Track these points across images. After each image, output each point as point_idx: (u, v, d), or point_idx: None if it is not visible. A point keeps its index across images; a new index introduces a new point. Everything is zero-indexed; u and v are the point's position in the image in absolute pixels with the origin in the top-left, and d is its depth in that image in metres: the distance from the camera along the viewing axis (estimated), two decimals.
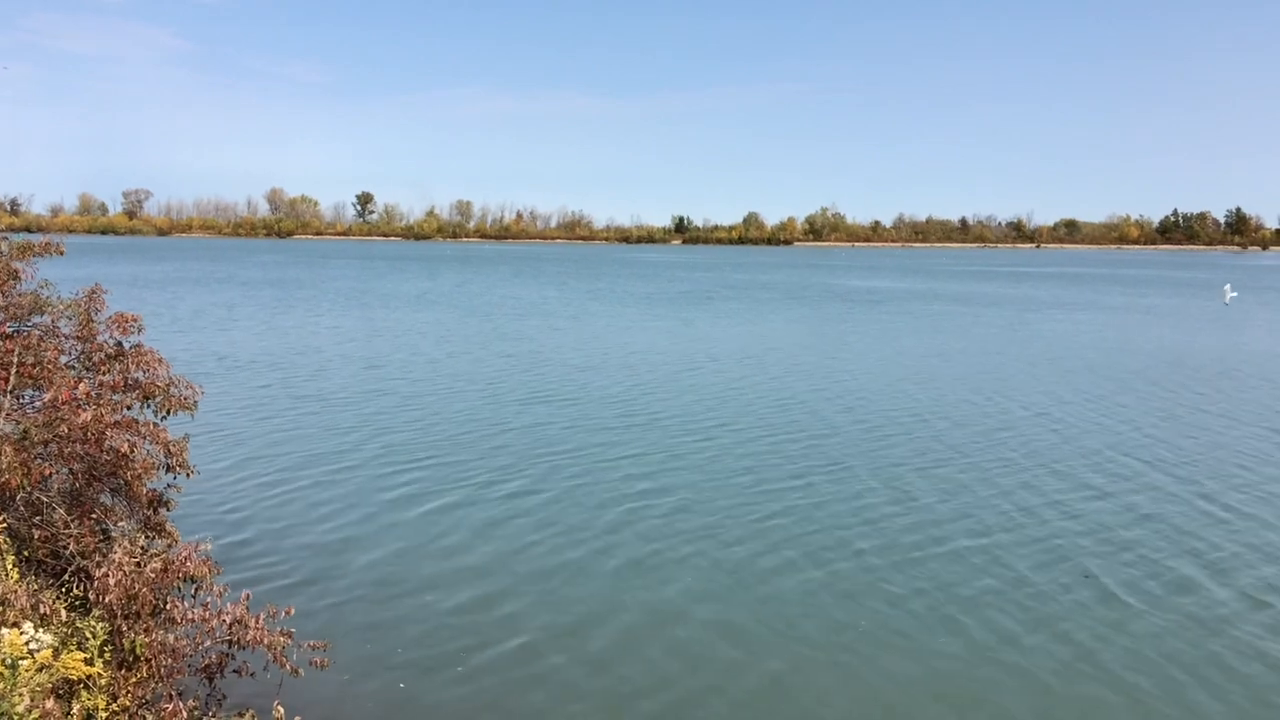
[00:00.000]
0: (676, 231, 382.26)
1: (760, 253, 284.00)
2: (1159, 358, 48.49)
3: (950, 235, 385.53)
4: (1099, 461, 25.71)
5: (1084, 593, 16.63)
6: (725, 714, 12.64)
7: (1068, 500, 21.99)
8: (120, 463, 11.93)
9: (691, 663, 14.00)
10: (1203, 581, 17.19)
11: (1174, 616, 15.67)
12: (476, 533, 19.66)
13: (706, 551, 18.43)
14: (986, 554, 18.42)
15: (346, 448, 26.58)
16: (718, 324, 64.59)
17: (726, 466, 24.62)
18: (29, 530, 11.58)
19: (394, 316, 66.76)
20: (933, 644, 14.59)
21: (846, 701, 12.99)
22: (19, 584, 10.21)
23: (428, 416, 31.23)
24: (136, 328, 12.97)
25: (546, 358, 45.34)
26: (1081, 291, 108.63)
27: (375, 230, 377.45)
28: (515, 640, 14.66)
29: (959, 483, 23.32)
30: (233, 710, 11.41)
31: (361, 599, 16.18)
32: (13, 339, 12.14)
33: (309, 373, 39.81)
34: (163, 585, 10.74)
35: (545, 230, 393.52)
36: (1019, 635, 14.91)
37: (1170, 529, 20.05)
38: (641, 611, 15.79)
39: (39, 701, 8.67)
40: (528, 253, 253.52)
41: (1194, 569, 17.79)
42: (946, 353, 49.53)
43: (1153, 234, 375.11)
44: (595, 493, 22.19)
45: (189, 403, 12.73)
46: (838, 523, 20.11)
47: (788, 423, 30.28)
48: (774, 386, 37.67)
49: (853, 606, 15.95)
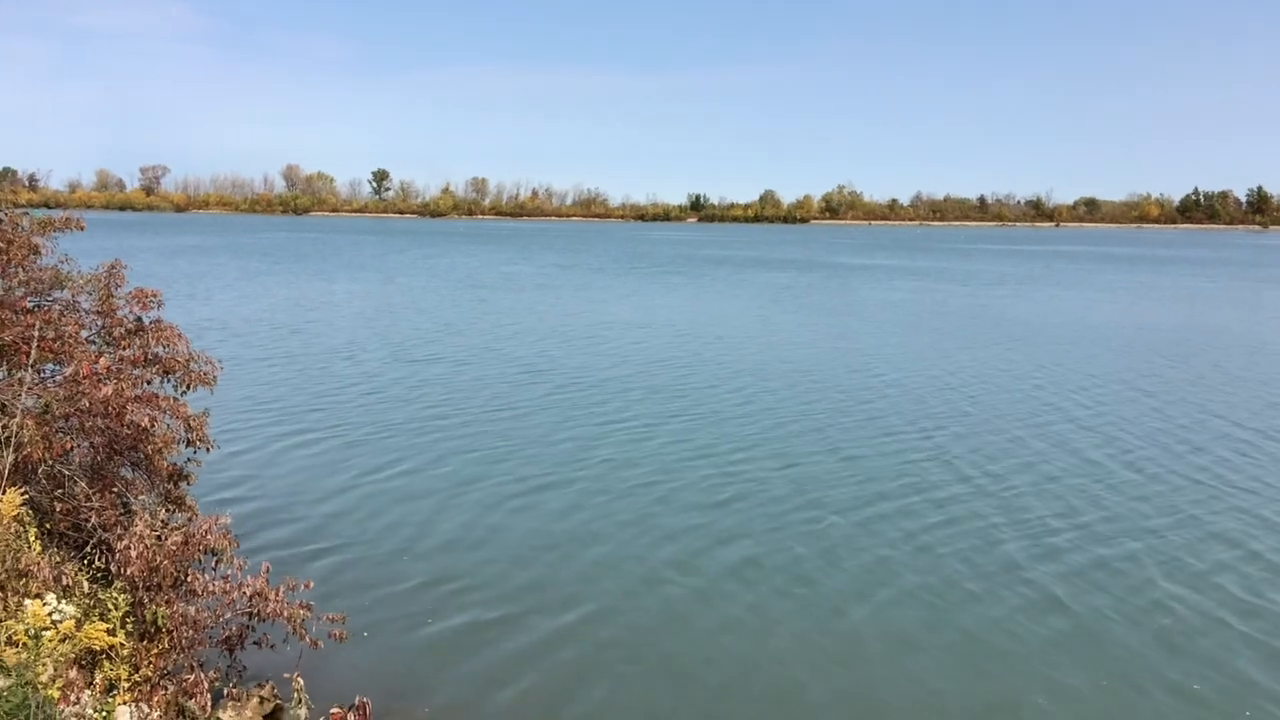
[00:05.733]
0: (692, 209, 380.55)
1: (771, 230, 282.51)
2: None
3: (968, 214, 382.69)
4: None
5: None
6: (782, 689, 12.72)
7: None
8: (141, 437, 12.03)
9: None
10: None
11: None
12: (498, 505, 19.77)
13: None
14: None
15: (365, 419, 26.74)
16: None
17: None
18: (51, 503, 11.70)
19: (407, 285, 66.81)
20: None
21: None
22: (41, 556, 10.33)
23: (454, 385, 31.44)
24: (156, 303, 13.04)
25: (544, 332, 45.39)
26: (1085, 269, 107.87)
27: (391, 207, 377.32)
28: (541, 615, 14.73)
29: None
30: (253, 681, 11.55)
31: (381, 572, 16.28)
32: (34, 313, 12.23)
33: (328, 346, 39.90)
34: (183, 558, 10.86)
35: (561, 208, 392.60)
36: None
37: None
38: (682, 591, 15.82)
39: (62, 671, 8.79)
40: (537, 229, 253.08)
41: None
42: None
43: (1173, 213, 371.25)
44: (622, 464, 22.28)
45: (208, 378, 12.82)
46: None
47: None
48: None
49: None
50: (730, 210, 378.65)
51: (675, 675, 13.06)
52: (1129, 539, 18.24)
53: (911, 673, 13.21)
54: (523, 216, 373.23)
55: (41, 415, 11.18)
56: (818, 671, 13.22)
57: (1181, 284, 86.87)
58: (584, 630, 14.40)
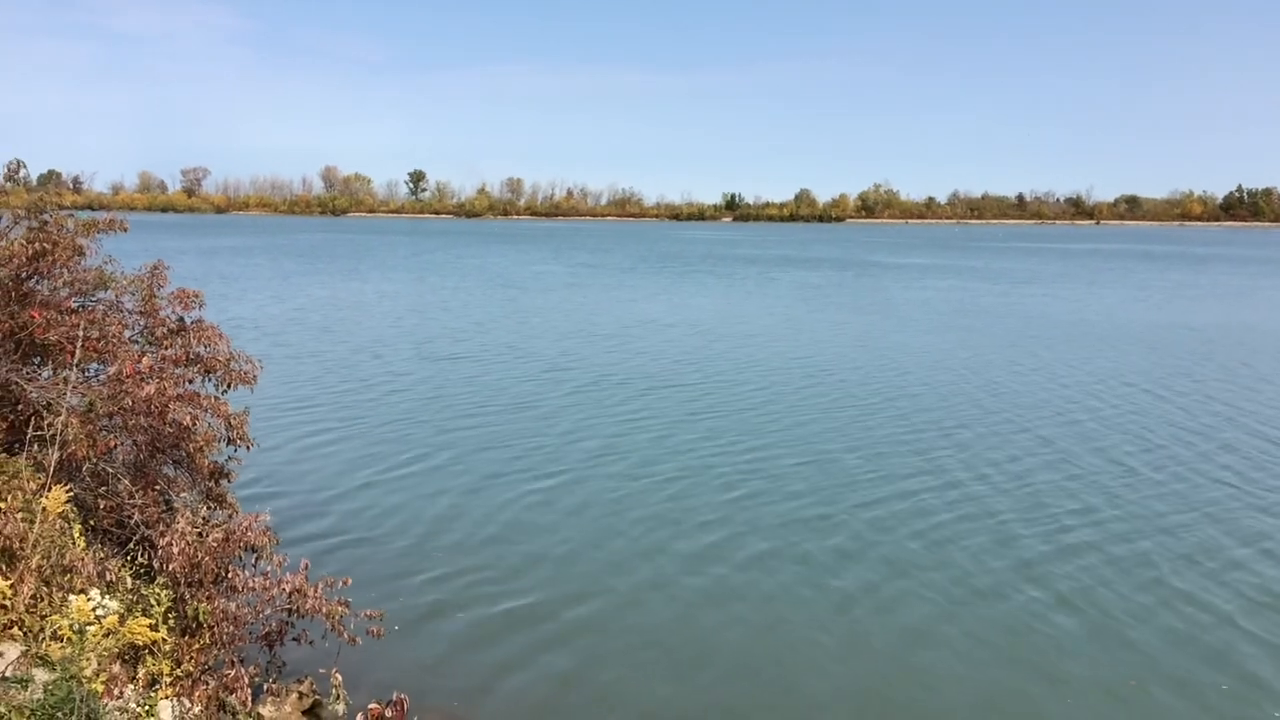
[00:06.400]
0: (727, 209, 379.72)
1: (805, 230, 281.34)
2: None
3: (1007, 212, 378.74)
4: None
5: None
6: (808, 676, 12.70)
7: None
8: (182, 435, 12.19)
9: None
10: None
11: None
12: (524, 500, 19.88)
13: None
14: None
15: (392, 416, 27.02)
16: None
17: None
18: (95, 500, 11.89)
19: (437, 284, 67.24)
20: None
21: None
22: (86, 552, 10.50)
23: (482, 383, 31.67)
24: (198, 303, 13.22)
25: (580, 331, 45.51)
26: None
27: (427, 208, 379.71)
28: (571, 609, 14.78)
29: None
30: (291, 677, 11.67)
31: (408, 566, 16.42)
32: (78, 314, 12.42)
33: (355, 344, 40.29)
34: (224, 554, 11.00)
35: (595, 208, 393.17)
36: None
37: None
38: (711, 583, 15.82)
39: (106, 665, 8.92)
40: (572, 229, 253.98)
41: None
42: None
43: (1216, 210, 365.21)
44: (644, 461, 22.34)
45: (249, 377, 12.98)
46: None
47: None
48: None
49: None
50: (765, 209, 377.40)
51: (702, 665, 13.06)
52: (1144, 538, 18.09)
53: (924, 667, 13.20)
54: (558, 216, 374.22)
55: (86, 414, 11.35)
56: (833, 664, 13.24)
57: (1217, 282, 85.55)
58: (614, 623, 14.46)
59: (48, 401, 11.44)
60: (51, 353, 12.21)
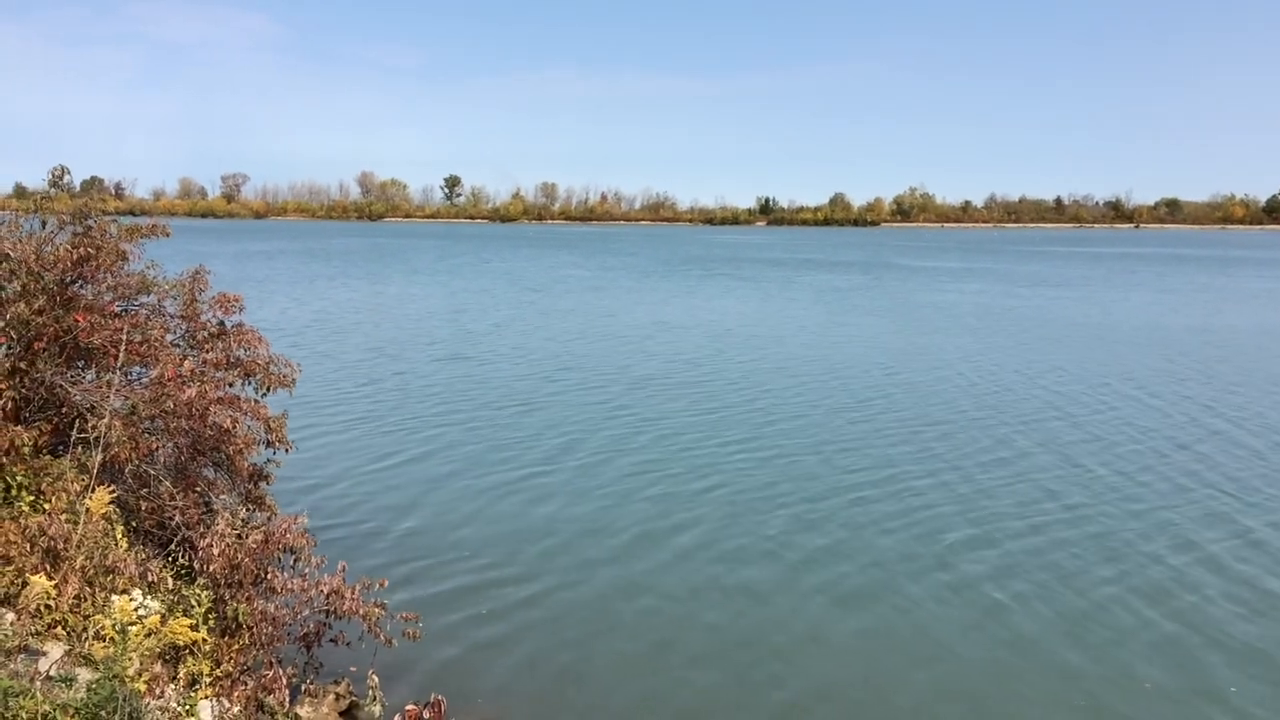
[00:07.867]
0: (761, 213, 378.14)
1: (839, 233, 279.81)
2: None
3: (1044, 215, 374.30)
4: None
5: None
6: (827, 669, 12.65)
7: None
8: (222, 438, 12.34)
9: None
10: None
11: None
12: (572, 501, 20.02)
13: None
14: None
15: (437, 418, 27.27)
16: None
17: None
18: (137, 502, 12.06)
19: (464, 288, 67.63)
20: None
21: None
22: (128, 553, 10.65)
23: (520, 388, 31.93)
24: (238, 308, 13.38)
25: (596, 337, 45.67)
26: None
27: (462, 213, 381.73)
28: (630, 613, 14.81)
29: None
30: (329, 678, 11.76)
31: (439, 567, 16.52)
32: (121, 318, 12.60)
33: (376, 346, 40.62)
34: (263, 556, 11.11)
35: (629, 212, 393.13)
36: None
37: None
38: (771, 598, 15.76)
39: (147, 665, 9.04)
40: (604, 233, 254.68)
41: None
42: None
43: (1259, 213, 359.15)
44: (658, 460, 22.38)
45: (288, 380, 13.11)
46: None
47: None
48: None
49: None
50: (799, 213, 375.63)
51: (753, 669, 13.01)
52: (1145, 538, 17.94)
53: (930, 664, 13.13)
54: (592, 221, 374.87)
55: (129, 416, 11.51)
56: (853, 663, 13.20)
57: (1246, 286, 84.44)
58: (660, 623, 14.50)
59: (91, 404, 11.61)
60: (95, 356, 12.39)
